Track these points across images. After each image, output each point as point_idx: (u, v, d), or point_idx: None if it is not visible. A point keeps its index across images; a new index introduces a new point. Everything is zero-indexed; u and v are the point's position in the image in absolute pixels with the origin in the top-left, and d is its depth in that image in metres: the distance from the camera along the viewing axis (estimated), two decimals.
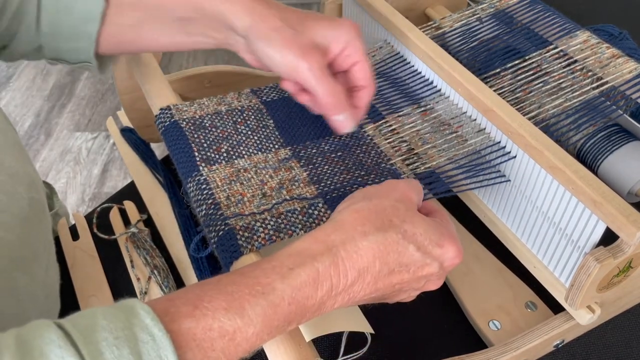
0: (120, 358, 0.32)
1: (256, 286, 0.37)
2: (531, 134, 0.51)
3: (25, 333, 0.32)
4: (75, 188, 1.87)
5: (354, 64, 0.53)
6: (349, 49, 0.53)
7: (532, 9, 0.68)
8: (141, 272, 0.65)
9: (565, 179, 0.48)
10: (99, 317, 0.34)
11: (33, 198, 0.51)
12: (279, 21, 0.51)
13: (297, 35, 0.51)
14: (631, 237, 0.45)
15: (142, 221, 0.71)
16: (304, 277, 0.38)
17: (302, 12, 0.53)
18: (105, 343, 0.32)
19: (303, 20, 0.52)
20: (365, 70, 0.53)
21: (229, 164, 0.54)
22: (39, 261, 0.53)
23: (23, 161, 0.51)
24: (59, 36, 0.57)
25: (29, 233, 0.50)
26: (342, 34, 0.52)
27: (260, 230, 0.48)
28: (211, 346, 0.35)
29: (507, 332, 0.57)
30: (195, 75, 0.73)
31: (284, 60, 0.50)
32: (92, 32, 0.56)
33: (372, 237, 0.41)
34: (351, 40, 0.52)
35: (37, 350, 0.31)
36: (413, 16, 0.75)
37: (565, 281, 0.53)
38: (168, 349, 0.33)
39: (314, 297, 0.39)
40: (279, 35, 0.50)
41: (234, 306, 0.36)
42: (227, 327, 0.35)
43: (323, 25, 0.52)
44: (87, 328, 0.33)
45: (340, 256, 0.40)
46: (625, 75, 0.59)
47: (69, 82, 2.26)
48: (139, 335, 0.33)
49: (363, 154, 0.56)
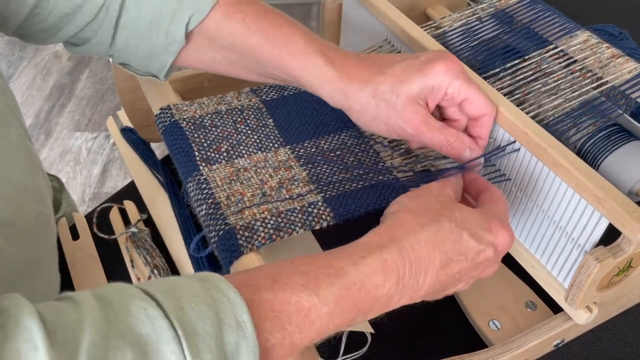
0: (200, 313, 0.33)
1: (329, 269, 0.39)
2: (535, 131, 0.51)
3: (101, 291, 0.33)
4: (75, 188, 1.87)
5: (463, 101, 0.51)
6: (449, 95, 0.51)
7: (532, 8, 0.68)
8: (141, 272, 0.65)
9: (569, 176, 0.48)
10: (174, 281, 0.35)
11: (40, 212, 0.52)
12: (372, 100, 0.51)
13: (394, 107, 0.50)
14: (635, 233, 0.45)
15: (142, 221, 0.71)
16: (374, 266, 0.40)
17: (391, 75, 0.50)
18: (185, 299, 0.33)
19: (395, 87, 0.50)
20: (478, 102, 0.51)
21: (229, 164, 0.54)
22: (41, 273, 0.53)
23: (33, 174, 0.51)
24: (133, 55, 0.57)
25: (33, 246, 0.51)
26: (435, 85, 0.50)
27: (260, 230, 0.48)
28: (288, 319, 0.36)
29: (507, 332, 0.57)
30: (195, 75, 0.73)
31: (390, 130, 0.52)
32: (167, 61, 0.56)
33: (429, 228, 0.42)
34: (449, 87, 0.50)
35: (117, 303, 0.32)
36: (413, 16, 0.75)
37: (564, 281, 0.53)
38: (242, 309, 0.34)
39: (383, 287, 0.40)
40: (377, 114, 0.51)
41: (311, 284, 0.38)
42: (303, 303, 0.37)
43: (415, 84, 0.50)
44: (164, 288, 0.34)
45: (405, 248, 0.41)
46: (625, 75, 0.59)
47: (69, 82, 2.26)
48: (215, 295, 0.34)
49: (362, 153, 0.56)
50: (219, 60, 0.57)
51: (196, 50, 0.56)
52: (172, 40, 0.54)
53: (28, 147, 0.53)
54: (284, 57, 0.53)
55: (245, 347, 0.33)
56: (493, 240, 0.45)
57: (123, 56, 0.57)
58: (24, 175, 0.50)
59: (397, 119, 0.50)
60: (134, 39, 0.55)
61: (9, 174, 0.48)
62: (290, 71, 0.53)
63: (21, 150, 0.51)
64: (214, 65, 0.58)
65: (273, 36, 0.53)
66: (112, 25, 0.54)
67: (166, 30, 0.54)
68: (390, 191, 0.52)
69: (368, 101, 0.51)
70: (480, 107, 0.52)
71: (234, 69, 0.57)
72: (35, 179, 0.52)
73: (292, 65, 0.53)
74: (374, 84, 0.51)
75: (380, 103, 0.51)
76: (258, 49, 0.53)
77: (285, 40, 0.53)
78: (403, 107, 0.50)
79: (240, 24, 0.53)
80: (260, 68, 0.55)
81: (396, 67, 0.51)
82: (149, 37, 0.54)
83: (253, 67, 0.56)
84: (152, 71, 0.58)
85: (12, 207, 0.47)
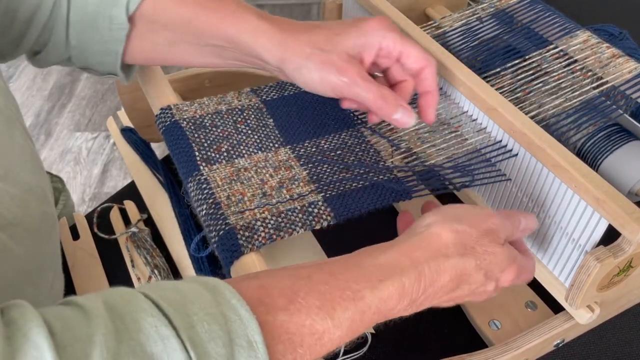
0: (211, 333, 0.32)
1: (347, 291, 0.38)
2: (534, 132, 0.51)
3: (112, 299, 0.33)
4: (75, 188, 1.87)
5: (400, 56, 0.53)
6: (384, 50, 0.53)
7: (532, 8, 0.68)
8: (141, 272, 0.65)
9: (568, 177, 0.48)
10: (184, 292, 0.34)
11: (45, 212, 0.52)
12: (308, 48, 0.51)
13: (330, 54, 0.51)
14: (634, 234, 0.45)
15: (142, 221, 0.71)
16: (392, 290, 0.40)
17: (327, 28, 0.53)
18: (196, 317, 0.32)
19: (330, 38, 0.52)
20: (415, 54, 0.53)
21: (229, 164, 0.55)
22: (46, 274, 0.53)
23: (38, 175, 0.52)
24: (86, 51, 0.58)
25: (38, 246, 0.51)
26: (369, 38, 0.52)
27: (260, 230, 0.48)
28: (300, 342, 0.36)
29: (507, 332, 0.57)
30: (195, 75, 0.73)
31: (324, 82, 0.51)
32: (117, 50, 0.57)
33: (453, 260, 0.42)
34: (382, 40, 0.52)
35: (128, 317, 0.31)
36: (413, 16, 0.75)
37: (565, 280, 0.53)
38: (255, 330, 0.33)
39: (395, 309, 0.41)
40: (312, 63, 0.51)
41: (326, 307, 0.37)
42: (317, 326, 0.36)
43: (350, 37, 0.52)
44: (176, 301, 0.33)
45: (424, 274, 0.41)
46: (625, 75, 0.59)
47: (69, 82, 2.26)
48: (227, 314, 0.33)
49: (362, 153, 0.56)
50: (160, 44, 0.57)
51: (139, 38, 0.57)
52: (117, 25, 0.55)
53: (31, 148, 0.53)
54: (219, 21, 0.54)
55: None
56: (500, 278, 0.45)
57: (80, 55, 0.58)
58: (29, 176, 0.50)
59: (331, 67, 0.51)
60: (85, 32, 0.56)
61: (15, 175, 0.48)
62: (225, 34, 0.54)
63: (26, 151, 0.51)
64: (156, 51, 0.58)
65: (207, 5, 0.54)
66: (64, 21, 0.56)
67: (110, 16, 0.55)
68: (391, 191, 0.52)
69: (302, 49, 0.51)
70: (419, 59, 0.53)
71: (175, 52, 0.58)
72: (40, 179, 0.52)
73: (225, 27, 0.54)
74: (309, 34, 0.52)
75: (315, 51, 0.51)
76: (194, 20, 0.55)
77: (218, 7, 0.54)
78: (338, 56, 0.51)
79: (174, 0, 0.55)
80: (198, 39, 0.56)
81: (331, 23, 0.54)
82: (96, 28, 0.56)
83: (192, 41, 0.56)
84: (109, 68, 0.59)
85: (18, 208, 0.47)
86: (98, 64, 0.59)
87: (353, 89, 0.51)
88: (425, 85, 0.54)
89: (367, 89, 0.51)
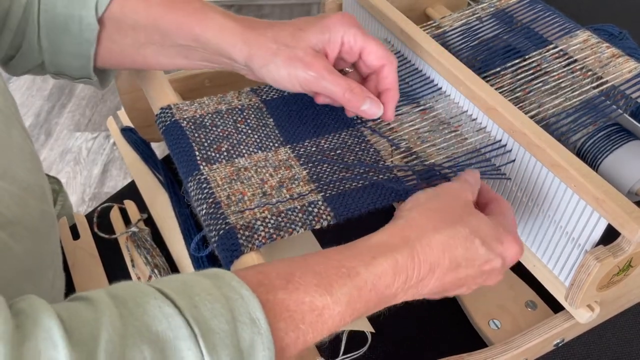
0: (214, 311, 0.33)
1: (341, 268, 0.39)
2: (534, 132, 0.51)
3: (114, 289, 0.34)
4: (75, 188, 1.87)
5: (362, 52, 0.54)
6: (345, 45, 0.54)
7: (532, 8, 0.68)
8: (142, 272, 0.65)
9: (568, 176, 0.49)
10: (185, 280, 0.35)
11: (44, 211, 0.52)
12: (274, 44, 0.52)
13: (295, 50, 0.52)
14: (633, 234, 0.45)
15: (142, 220, 0.71)
16: (385, 266, 0.40)
17: (291, 25, 0.54)
18: (198, 298, 0.33)
19: (294, 34, 0.53)
20: (377, 51, 0.54)
21: (229, 163, 0.55)
22: (46, 272, 0.53)
23: (36, 173, 0.52)
24: (58, 53, 0.58)
25: (38, 245, 0.51)
26: (332, 34, 0.53)
27: (260, 229, 0.48)
28: (302, 319, 0.37)
29: (507, 332, 0.57)
30: (195, 75, 0.73)
31: (292, 78, 0.52)
32: (88, 52, 0.57)
33: (443, 231, 0.43)
34: (344, 35, 0.53)
35: (132, 302, 0.32)
36: (413, 16, 0.75)
37: (565, 280, 0.53)
38: (256, 306, 0.34)
39: (391, 287, 0.41)
40: (279, 58, 0.52)
41: (324, 284, 0.38)
42: (317, 303, 0.37)
43: (314, 32, 0.53)
44: (178, 287, 0.34)
45: (416, 250, 0.42)
46: (625, 75, 0.59)
47: (69, 82, 2.25)
48: (228, 294, 0.34)
49: (362, 152, 0.56)
50: (129, 45, 0.57)
51: (109, 40, 0.57)
52: (86, 26, 0.55)
53: (30, 147, 0.53)
54: (184, 20, 0.54)
55: (261, 343, 0.34)
56: (502, 251, 0.45)
57: (52, 59, 0.58)
58: (28, 175, 0.50)
59: (298, 63, 0.52)
60: (55, 34, 0.56)
61: (14, 173, 0.48)
62: (191, 33, 0.54)
63: (24, 150, 0.51)
64: (125, 53, 0.58)
65: (173, 5, 0.55)
66: (36, 23, 0.56)
67: (79, 17, 0.55)
68: (391, 190, 0.52)
69: (268, 46, 0.52)
70: (379, 56, 0.54)
71: (144, 54, 0.58)
72: (38, 178, 0.52)
73: (191, 25, 0.54)
74: (275, 29, 0.53)
75: (281, 47, 0.52)
76: (160, 20, 0.55)
77: (184, 6, 0.55)
78: (304, 52, 0.52)
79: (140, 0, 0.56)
80: (164, 40, 0.56)
81: (295, 20, 0.54)
82: (67, 29, 0.56)
83: (159, 42, 0.57)
84: (82, 72, 0.59)
85: (18, 206, 0.47)
86: (71, 67, 0.59)
87: (321, 82, 0.52)
88: (386, 83, 0.55)
89: (334, 83, 0.52)
